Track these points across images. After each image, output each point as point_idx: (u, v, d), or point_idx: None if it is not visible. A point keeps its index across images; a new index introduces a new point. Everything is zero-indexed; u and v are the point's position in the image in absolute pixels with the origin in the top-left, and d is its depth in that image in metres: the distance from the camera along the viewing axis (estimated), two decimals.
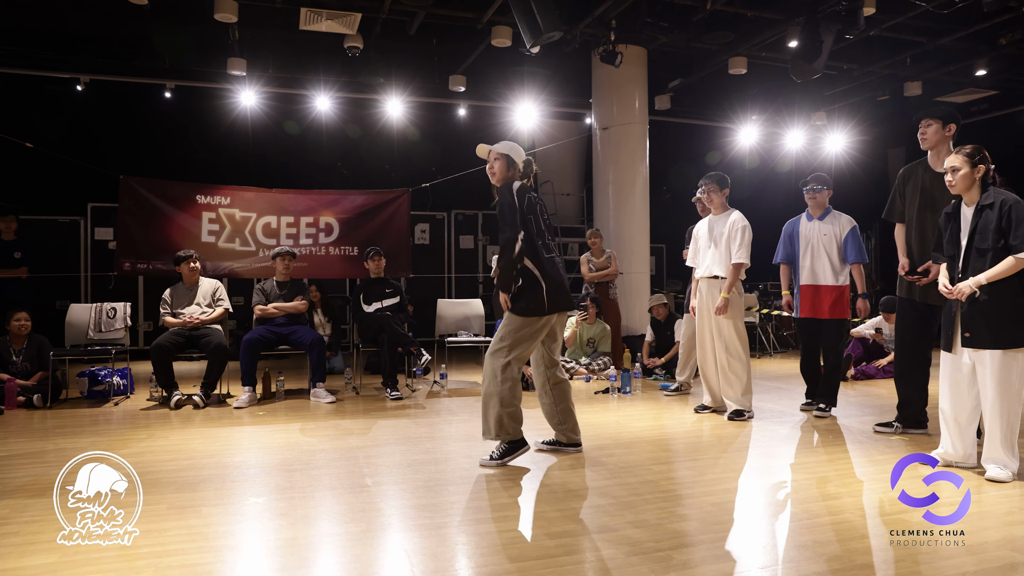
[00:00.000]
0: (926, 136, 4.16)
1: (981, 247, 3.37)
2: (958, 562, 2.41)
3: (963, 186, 3.46)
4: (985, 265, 3.34)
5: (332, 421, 5.04)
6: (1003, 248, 3.30)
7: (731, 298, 4.99)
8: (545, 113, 9.89)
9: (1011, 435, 3.34)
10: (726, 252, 5.05)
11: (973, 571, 2.34)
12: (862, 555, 2.47)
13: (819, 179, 5.12)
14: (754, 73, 9.28)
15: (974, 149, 3.45)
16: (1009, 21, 8.01)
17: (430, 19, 7.98)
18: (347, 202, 7.83)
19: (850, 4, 6.91)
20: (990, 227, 3.34)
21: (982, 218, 3.39)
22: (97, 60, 8.59)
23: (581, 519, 2.87)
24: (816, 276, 5.03)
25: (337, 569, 2.43)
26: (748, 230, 5.01)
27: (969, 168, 3.43)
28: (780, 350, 9.92)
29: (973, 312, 3.36)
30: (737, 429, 4.69)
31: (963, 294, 3.34)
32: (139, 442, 4.35)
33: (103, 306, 6.28)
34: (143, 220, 7.16)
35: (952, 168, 3.48)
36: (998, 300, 3.29)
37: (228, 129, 9.35)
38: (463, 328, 7.12)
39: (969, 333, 3.37)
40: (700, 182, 5.29)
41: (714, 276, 5.13)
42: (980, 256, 3.37)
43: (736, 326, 5.03)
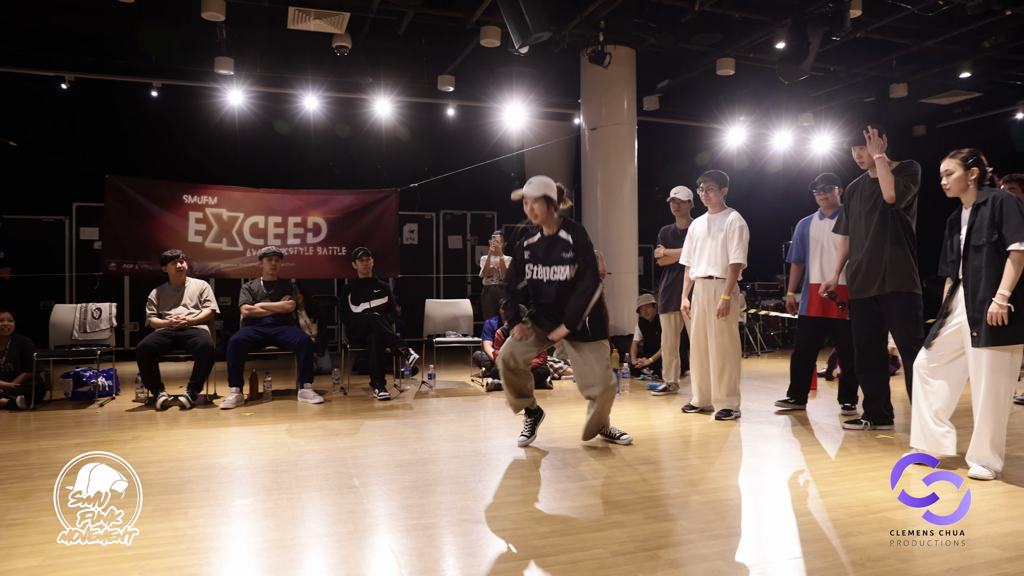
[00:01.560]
0: (862, 158, 4.37)
1: (977, 244, 3.39)
2: (945, 558, 2.43)
3: (957, 188, 3.50)
4: (981, 261, 3.35)
5: (320, 422, 5.02)
6: (997, 241, 3.32)
7: (729, 299, 4.98)
8: (534, 113, 9.90)
9: (1000, 436, 3.37)
10: (723, 252, 5.02)
11: (958, 567, 2.36)
12: (848, 553, 2.49)
13: (828, 179, 5.16)
14: (742, 74, 9.33)
15: (968, 152, 3.49)
16: (992, 24, 8.09)
17: (419, 19, 7.97)
18: (335, 202, 7.81)
19: (837, 6, 6.96)
20: (985, 223, 3.37)
21: (978, 216, 3.42)
22: (82, 58, 8.51)
23: (569, 518, 2.87)
24: (826, 275, 5.01)
25: (325, 570, 2.42)
26: (746, 230, 4.99)
27: (963, 171, 3.47)
28: (767, 350, 9.97)
29: (976, 313, 3.35)
30: (724, 429, 4.71)
31: (1002, 317, 3.23)
32: (124, 443, 4.32)
33: (88, 306, 6.23)
34: (129, 220, 7.11)
35: (946, 171, 3.52)
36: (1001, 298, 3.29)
37: (215, 129, 9.28)
38: (451, 328, 7.11)
39: (976, 332, 3.36)
40: (699, 180, 5.23)
41: (709, 276, 5.09)
42: (976, 252, 3.39)
43: (730, 327, 5.03)
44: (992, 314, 3.25)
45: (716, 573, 2.34)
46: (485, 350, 6.99)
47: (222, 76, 8.47)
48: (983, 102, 10.68)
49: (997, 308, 3.24)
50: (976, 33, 8.43)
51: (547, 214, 4.00)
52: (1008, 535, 2.64)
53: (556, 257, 4.00)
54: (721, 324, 5.00)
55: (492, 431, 4.66)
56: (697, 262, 5.21)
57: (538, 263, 4.08)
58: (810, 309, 5.12)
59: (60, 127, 9.28)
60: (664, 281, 6.12)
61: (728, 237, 5.00)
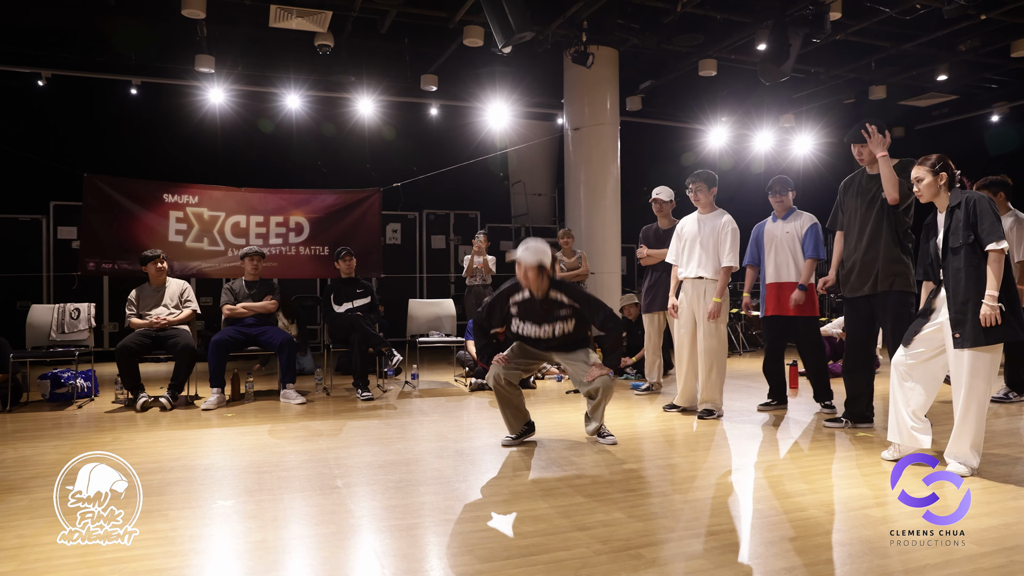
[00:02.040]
0: (863, 156, 4.37)
1: (954, 246, 3.45)
2: (923, 553, 2.47)
3: (929, 194, 3.56)
4: (960, 263, 3.40)
5: (302, 422, 4.99)
6: (973, 243, 3.38)
7: (720, 302, 4.99)
8: (517, 113, 9.91)
9: (980, 435, 3.42)
10: (714, 254, 5.02)
11: (935, 563, 2.39)
12: (827, 551, 2.52)
13: (783, 182, 5.20)
14: (724, 75, 9.40)
15: (936, 158, 3.56)
16: (968, 28, 8.22)
17: (402, 18, 7.95)
18: (317, 201, 7.77)
19: (817, 8, 7.03)
20: (960, 226, 3.42)
21: (953, 219, 3.47)
22: (59, 55, 8.40)
23: (552, 518, 2.88)
24: (779, 273, 5.10)
25: (307, 572, 2.41)
26: (737, 232, 5.01)
27: (932, 177, 3.54)
28: (749, 349, 10.05)
29: (959, 314, 3.39)
30: (707, 428, 4.74)
31: (994, 317, 3.27)
32: (103, 445, 4.26)
33: (66, 307, 6.14)
34: (108, 219, 7.02)
35: (916, 179, 3.59)
36: (981, 298, 3.34)
37: (196, 127, 9.20)
38: (435, 328, 7.10)
39: (959, 334, 3.39)
40: (688, 180, 5.21)
41: (699, 277, 5.07)
42: (954, 255, 3.44)
43: (719, 329, 5.04)
44: (985, 316, 3.29)
45: (699, 571, 2.35)
46: (468, 350, 6.99)
47: (203, 74, 8.39)
48: (960, 104, 10.85)
49: (989, 310, 3.28)
50: (952, 37, 8.56)
51: (539, 281, 4.04)
52: (984, 530, 2.68)
53: (553, 316, 4.13)
54: (711, 326, 5.01)
55: (476, 431, 4.66)
56: (686, 262, 5.18)
57: (528, 321, 4.17)
58: (767, 309, 5.17)
59: (37, 125, 9.15)
60: (647, 281, 6.14)
61: (720, 239, 5.00)
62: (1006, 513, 2.88)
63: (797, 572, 2.34)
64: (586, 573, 2.34)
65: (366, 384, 6.01)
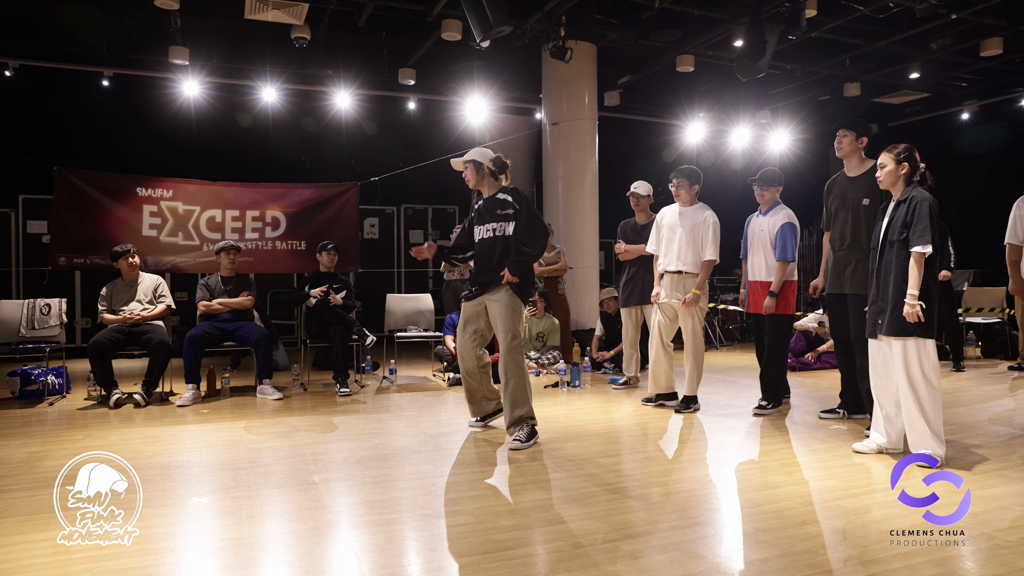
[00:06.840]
0: (841, 145, 4.42)
1: (892, 239, 3.59)
2: (896, 542, 2.51)
3: (888, 181, 3.68)
4: (892, 256, 3.56)
5: (279, 418, 4.95)
6: (904, 240, 3.51)
7: (699, 294, 4.99)
8: (495, 108, 9.88)
9: (935, 423, 3.50)
10: (693, 248, 5.01)
11: (905, 552, 2.44)
12: (801, 541, 2.55)
13: (765, 175, 5.06)
14: (701, 71, 9.45)
15: (903, 148, 3.66)
16: (939, 27, 8.34)
17: (379, 11, 7.88)
18: (294, 196, 7.70)
19: (793, 5, 7.09)
20: (899, 222, 3.56)
21: (897, 212, 3.60)
22: (27, 45, 8.21)
23: (530, 512, 2.89)
24: (755, 272, 5.05)
25: (284, 568, 2.39)
26: (719, 227, 5.01)
27: (894, 165, 3.64)
28: (726, 343, 10.15)
29: (883, 303, 3.57)
30: (684, 421, 4.78)
31: (917, 315, 3.41)
32: (75, 443, 4.20)
33: (36, 302, 6.03)
34: (80, 213, 6.90)
35: (880, 164, 3.71)
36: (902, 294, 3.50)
37: (170, 120, 9.05)
38: (413, 323, 7.07)
39: (881, 321, 3.58)
40: (671, 176, 5.17)
41: (678, 271, 5.07)
42: (891, 248, 3.59)
43: (698, 321, 5.07)
44: (907, 315, 3.44)
45: (675, 563, 2.38)
46: (447, 345, 6.97)
47: (177, 66, 8.26)
48: (931, 102, 11.01)
49: (910, 308, 3.43)
50: (924, 35, 8.69)
51: (478, 178, 4.30)
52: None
53: (497, 216, 4.24)
54: (690, 318, 5.02)
55: (454, 425, 4.66)
56: (664, 254, 5.17)
57: (480, 225, 4.35)
58: (749, 305, 5.17)
59: (5, 116, 8.94)
60: (625, 275, 6.17)
61: (702, 233, 5.00)
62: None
63: (772, 563, 2.37)
64: (564, 567, 2.35)
65: (346, 379, 5.98)
